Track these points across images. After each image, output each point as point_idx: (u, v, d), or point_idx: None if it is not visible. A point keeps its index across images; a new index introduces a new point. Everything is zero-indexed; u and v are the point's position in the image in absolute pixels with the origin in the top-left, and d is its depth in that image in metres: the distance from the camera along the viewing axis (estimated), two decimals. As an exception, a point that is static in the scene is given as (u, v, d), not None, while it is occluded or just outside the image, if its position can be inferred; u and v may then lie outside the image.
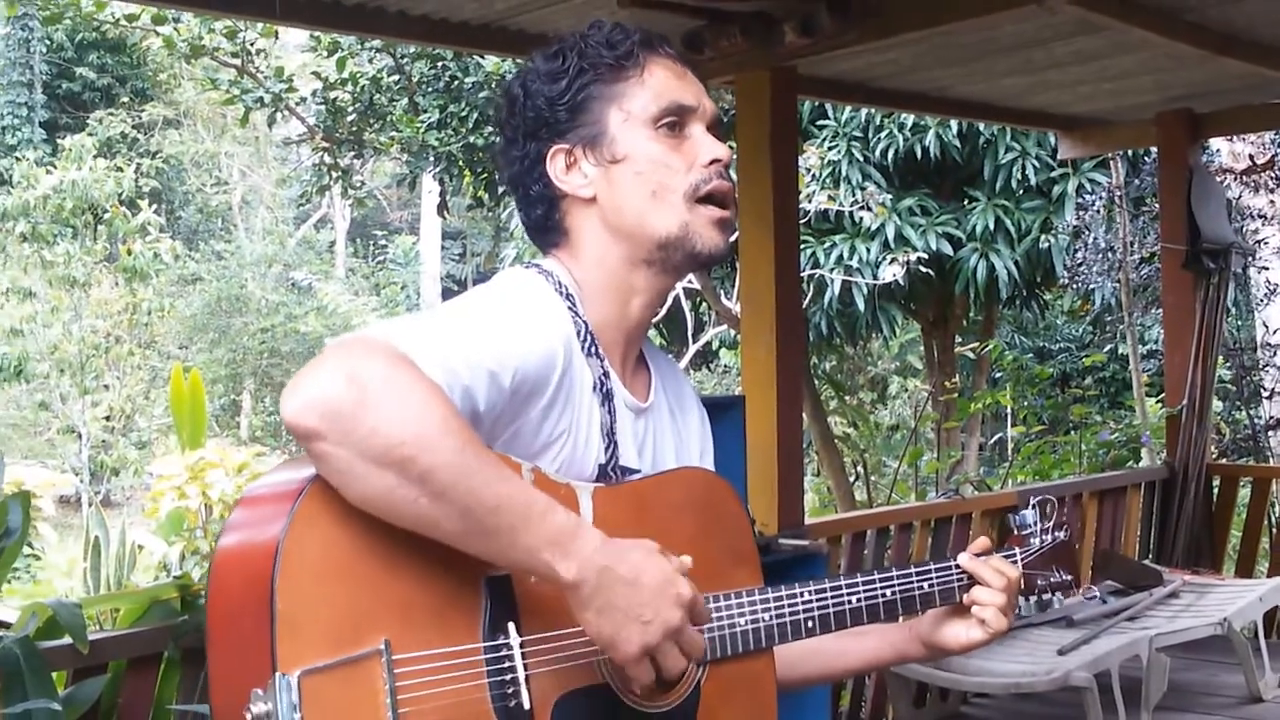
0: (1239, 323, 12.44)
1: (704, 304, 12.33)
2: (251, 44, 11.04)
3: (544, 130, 1.80)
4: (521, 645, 1.56)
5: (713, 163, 1.80)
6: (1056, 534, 2.08)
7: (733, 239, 1.85)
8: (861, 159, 10.63)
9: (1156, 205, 8.59)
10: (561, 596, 1.54)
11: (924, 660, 2.05)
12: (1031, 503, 2.11)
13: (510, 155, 1.85)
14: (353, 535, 1.49)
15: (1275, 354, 10.72)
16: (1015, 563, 2.03)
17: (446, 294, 28.00)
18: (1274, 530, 7.49)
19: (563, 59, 1.80)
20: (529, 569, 1.53)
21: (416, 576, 1.52)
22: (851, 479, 12.49)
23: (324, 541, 1.48)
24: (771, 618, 1.79)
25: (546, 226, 1.84)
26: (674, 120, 1.79)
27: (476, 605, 1.56)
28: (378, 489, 1.45)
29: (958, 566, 1.96)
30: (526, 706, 1.55)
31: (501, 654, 1.55)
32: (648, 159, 1.78)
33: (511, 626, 1.56)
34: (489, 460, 1.49)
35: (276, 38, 12.05)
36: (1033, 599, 2.06)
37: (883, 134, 10.56)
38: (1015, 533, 2.09)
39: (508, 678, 1.55)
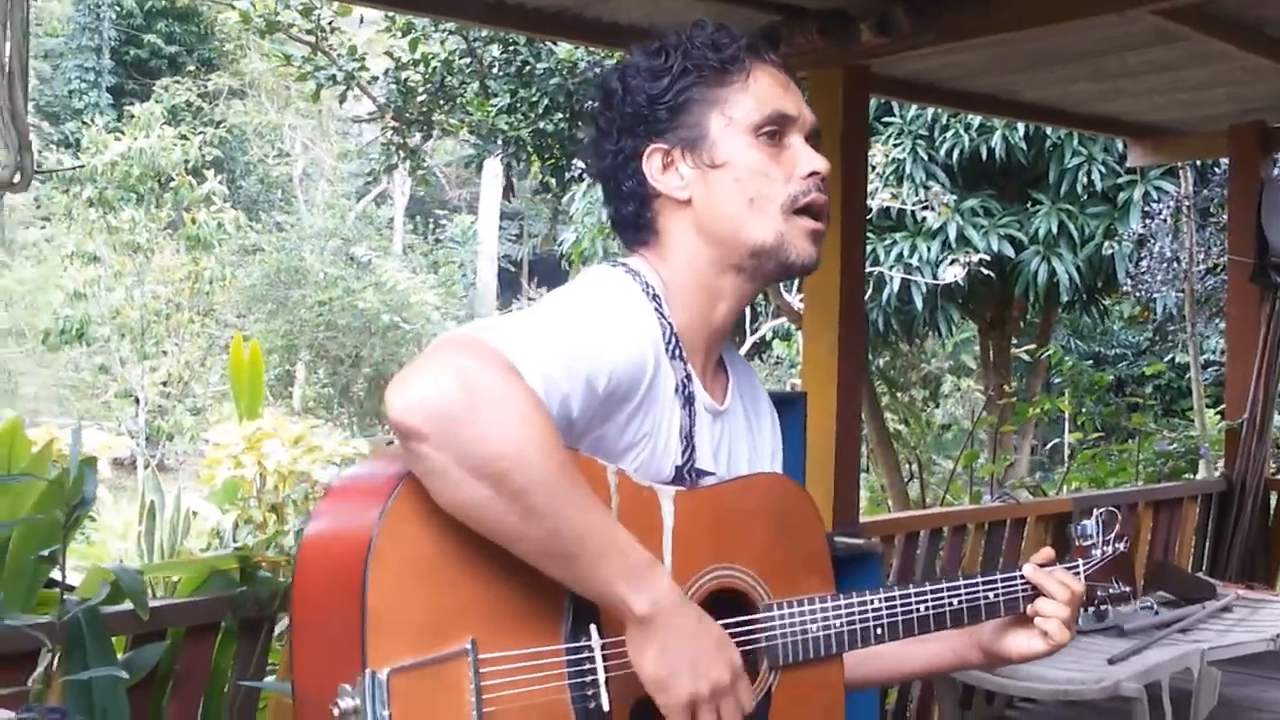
0: (1303, 336, 12.29)
1: (762, 295, 12.33)
2: (327, 22, 11.11)
3: (642, 127, 1.79)
4: (603, 647, 1.58)
5: (811, 174, 1.79)
6: (1117, 545, 2.09)
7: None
8: (926, 158, 10.59)
9: (1224, 216, 8.51)
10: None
11: (982, 667, 2.07)
12: (1095, 514, 2.11)
13: (603, 148, 1.83)
14: (442, 535, 1.50)
15: (1339, 369, 10.59)
16: (1079, 574, 2.04)
17: (503, 275, 28.10)
18: (1330, 548, 7.42)
19: (666, 57, 1.79)
20: (603, 598, 1.54)
21: (501, 578, 1.53)
22: (905, 478, 12.46)
23: (415, 541, 1.49)
24: (843, 624, 1.81)
25: (637, 224, 1.83)
26: (775, 129, 1.79)
27: (560, 607, 1.57)
28: (471, 498, 1.46)
29: (1023, 577, 1.97)
30: (606, 708, 1.57)
31: (583, 655, 1.57)
32: (748, 167, 1.77)
33: (593, 628, 1.58)
34: (581, 487, 1.51)
35: (357, 18, 12.13)
36: (1091, 609, 2.08)
37: (948, 133, 10.51)
38: (1077, 543, 2.10)
39: (588, 679, 1.57)
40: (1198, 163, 9.92)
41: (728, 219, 1.78)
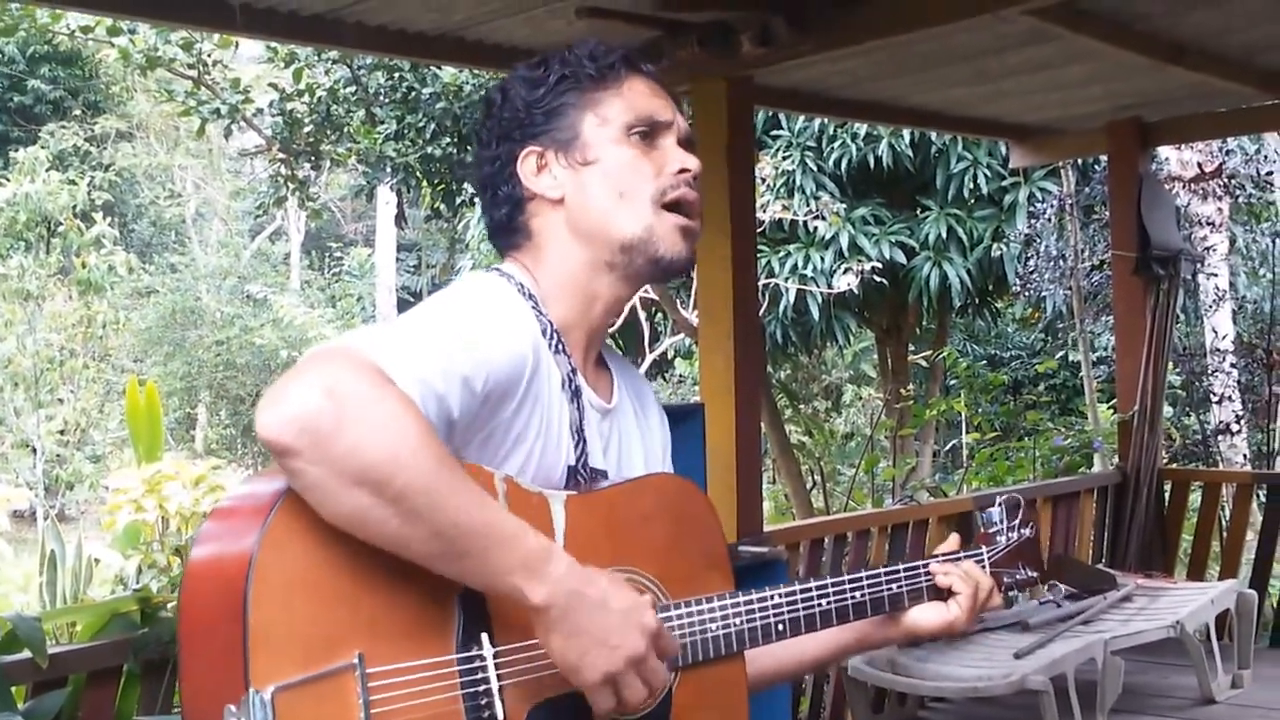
0: (1188, 329, 12.58)
1: (660, 314, 12.37)
2: (208, 55, 10.99)
3: (518, 132, 1.83)
4: (495, 656, 1.57)
5: (681, 172, 1.83)
6: (1022, 531, 2.11)
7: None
8: (815, 169, 10.71)
9: (1107, 213, 8.68)
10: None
11: (887, 644, 2.08)
12: (998, 501, 2.13)
13: (483, 157, 1.88)
14: (325, 549, 1.48)
15: (1224, 360, 10.84)
16: (983, 562, 2.06)
17: (402, 306, 27.85)
18: (1225, 534, 7.58)
19: (545, 68, 1.84)
20: (499, 591, 1.54)
21: (390, 589, 1.52)
22: (808, 486, 12.55)
23: (297, 555, 1.48)
24: (743, 622, 1.80)
25: (511, 227, 1.85)
26: (646, 130, 1.83)
27: (450, 617, 1.56)
28: (352, 508, 1.45)
29: (926, 568, 1.99)
30: (500, 717, 1.56)
31: (475, 665, 1.56)
32: (617, 162, 1.80)
33: (485, 637, 1.57)
34: (463, 482, 1.50)
35: (237, 48, 12.02)
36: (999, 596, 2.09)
37: (836, 144, 10.64)
38: (982, 530, 2.12)
39: (481, 689, 1.56)
40: (1079, 161, 10.12)
41: (598, 214, 1.81)
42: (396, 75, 10.26)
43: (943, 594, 1.99)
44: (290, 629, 1.45)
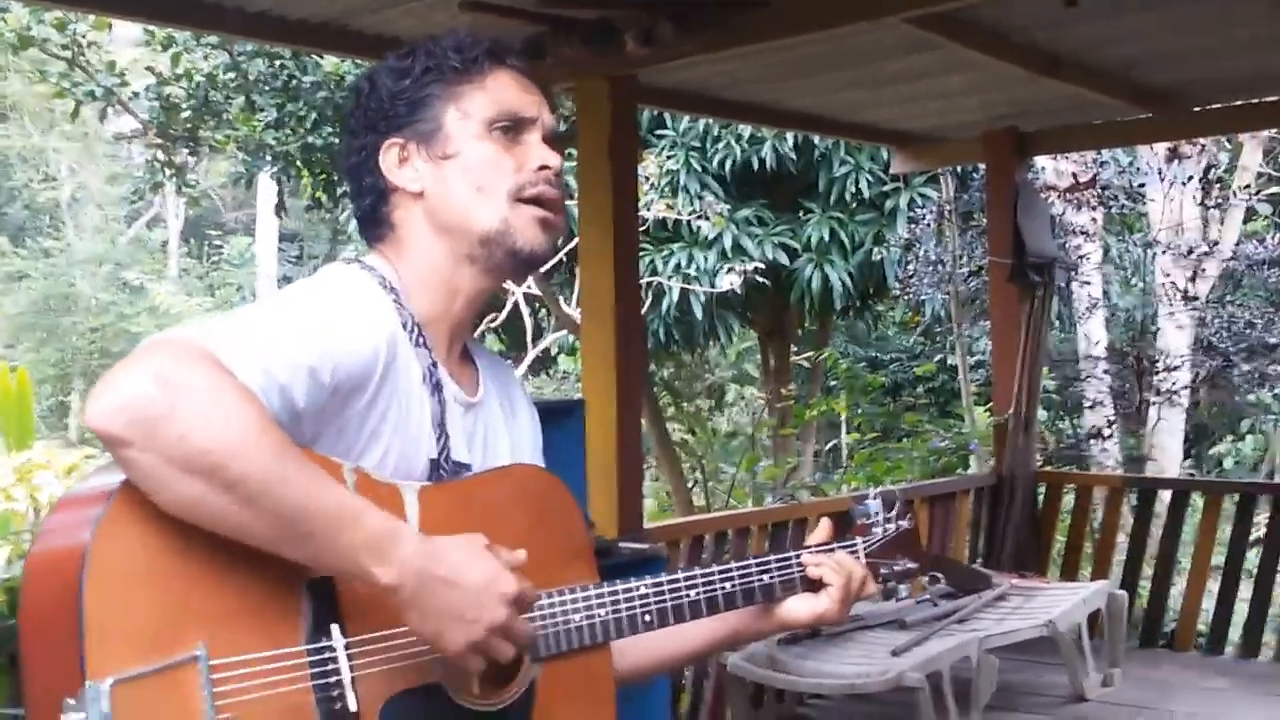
0: (1063, 335, 12.81)
1: (544, 310, 12.34)
2: (83, 36, 10.74)
3: (382, 123, 1.82)
4: (347, 647, 1.55)
5: (542, 168, 1.82)
6: (900, 523, 2.11)
7: (564, 245, 1.85)
8: (699, 169, 10.75)
9: (984, 220, 8.81)
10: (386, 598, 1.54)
11: (760, 636, 2.07)
12: (873, 493, 2.14)
13: (350, 146, 1.86)
14: (166, 539, 1.46)
15: (1097, 366, 11.05)
16: (857, 552, 2.05)
17: (278, 297, 27.44)
18: (1096, 536, 7.73)
19: (411, 58, 1.83)
20: (346, 574, 1.53)
21: (235, 580, 1.50)
22: (690, 484, 12.60)
23: (134, 546, 1.45)
24: (608, 613, 1.80)
25: (374, 219, 1.84)
26: (508, 126, 1.81)
27: (299, 608, 1.55)
28: (187, 496, 1.43)
29: (798, 558, 1.98)
30: (353, 709, 1.54)
31: (325, 656, 1.54)
32: (478, 157, 1.80)
33: (335, 628, 1.55)
34: (302, 466, 1.49)
35: (111, 29, 11.75)
36: (877, 587, 2.08)
37: (720, 145, 10.69)
38: (858, 522, 2.11)
39: (332, 680, 1.54)
40: (958, 168, 10.26)
41: (457, 207, 1.80)
42: (277, 63, 10.11)
43: (815, 585, 1.98)
44: (129, 620, 1.43)
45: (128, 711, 1.40)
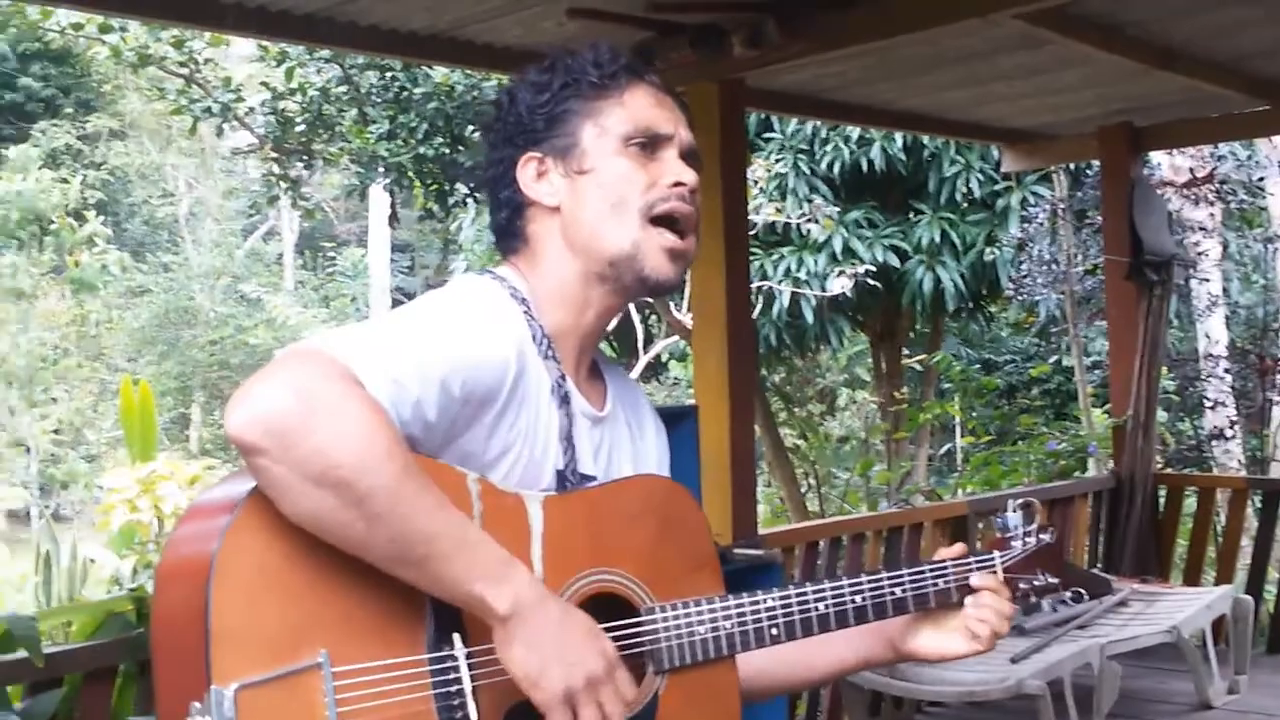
0: (1182, 334, 12.58)
1: (654, 316, 12.36)
2: (199, 53, 10.98)
3: (521, 137, 1.82)
4: (469, 657, 1.56)
5: (676, 185, 1.80)
6: (1041, 536, 2.03)
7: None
8: (808, 172, 10.69)
9: (1099, 218, 8.67)
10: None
11: (891, 664, 2.02)
12: (1011, 505, 2.06)
13: (489, 159, 1.88)
14: (291, 548, 1.49)
15: (1217, 365, 10.83)
16: (994, 568, 1.98)
17: (397, 306, 27.81)
18: (1220, 539, 7.57)
19: (550, 73, 1.83)
20: (460, 600, 1.53)
21: (359, 588, 1.52)
22: (803, 490, 12.54)
23: (261, 554, 1.48)
24: (733, 625, 1.77)
25: (510, 231, 1.85)
26: (645, 142, 1.80)
27: (421, 617, 1.55)
28: (315, 508, 1.46)
29: (931, 572, 1.91)
30: (474, 718, 1.55)
31: (447, 665, 1.55)
32: (613, 172, 1.79)
33: (457, 638, 1.56)
34: (426, 488, 1.50)
35: (229, 46, 12.00)
36: (1017, 604, 2.00)
37: (828, 147, 10.62)
38: (997, 535, 2.04)
39: (454, 689, 1.55)
40: (1071, 166, 10.11)
41: (589, 224, 1.79)
42: (388, 75, 10.24)
43: (947, 599, 1.92)
44: (255, 627, 1.45)
45: (251, 716, 1.42)
